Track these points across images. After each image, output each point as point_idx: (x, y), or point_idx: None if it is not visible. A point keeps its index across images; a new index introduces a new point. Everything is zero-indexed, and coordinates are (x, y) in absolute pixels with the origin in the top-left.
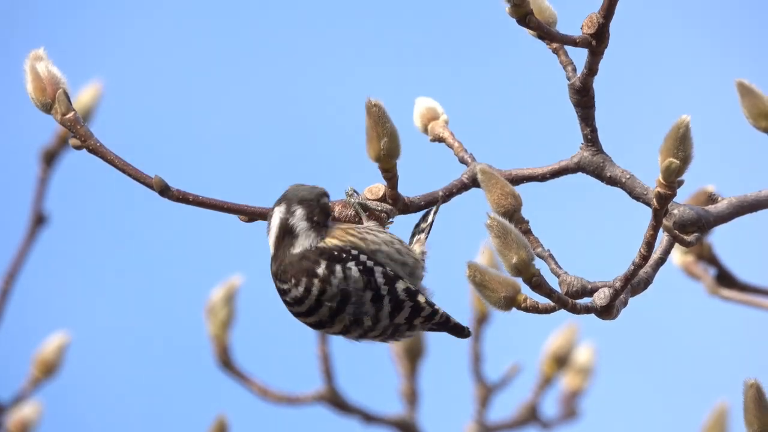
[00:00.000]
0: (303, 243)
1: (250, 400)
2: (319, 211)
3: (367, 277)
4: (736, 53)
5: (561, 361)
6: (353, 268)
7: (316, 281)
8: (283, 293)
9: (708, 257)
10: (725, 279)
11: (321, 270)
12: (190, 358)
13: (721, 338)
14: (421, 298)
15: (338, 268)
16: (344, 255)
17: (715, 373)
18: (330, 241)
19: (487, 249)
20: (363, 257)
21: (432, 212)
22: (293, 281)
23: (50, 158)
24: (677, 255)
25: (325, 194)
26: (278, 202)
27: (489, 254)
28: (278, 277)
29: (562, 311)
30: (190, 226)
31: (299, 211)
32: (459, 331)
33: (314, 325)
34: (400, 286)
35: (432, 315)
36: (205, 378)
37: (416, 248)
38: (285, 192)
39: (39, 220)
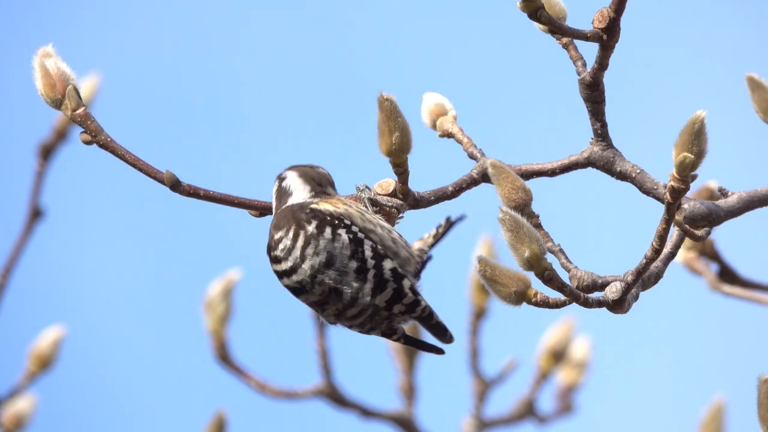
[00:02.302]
0: (297, 198)
1: (249, 395)
2: (314, 175)
3: (356, 247)
4: (746, 48)
5: (558, 356)
6: (343, 235)
7: (302, 233)
8: (274, 246)
9: (710, 253)
10: (727, 275)
11: (311, 228)
12: (188, 353)
13: (722, 334)
14: (406, 282)
15: (328, 230)
16: (336, 222)
17: (716, 369)
18: (324, 205)
19: (486, 241)
20: (355, 228)
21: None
22: (286, 227)
23: (47, 152)
24: (679, 251)
25: (324, 170)
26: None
27: (488, 246)
28: (275, 225)
29: (572, 306)
30: (186, 220)
31: (291, 174)
32: (441, 332)
33: (296, 290)
34: (387, 264)
35: (413, 305)
36: (203, 373)
37: (415, 245)
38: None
39: (36, 215)
